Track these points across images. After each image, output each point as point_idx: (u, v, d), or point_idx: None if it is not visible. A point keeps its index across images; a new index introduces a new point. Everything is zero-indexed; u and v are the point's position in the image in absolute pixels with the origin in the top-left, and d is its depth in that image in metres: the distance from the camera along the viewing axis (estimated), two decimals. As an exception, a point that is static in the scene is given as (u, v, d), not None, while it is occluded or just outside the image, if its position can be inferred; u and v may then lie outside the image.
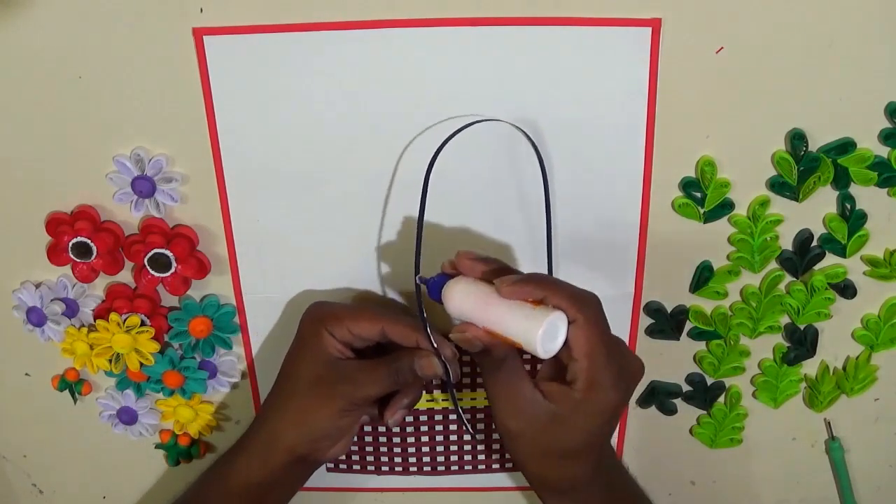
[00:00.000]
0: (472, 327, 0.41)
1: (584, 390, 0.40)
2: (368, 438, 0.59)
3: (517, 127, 0.46)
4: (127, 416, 0.57)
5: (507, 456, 0.59)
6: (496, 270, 0.42)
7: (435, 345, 0.45)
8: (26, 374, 0.58)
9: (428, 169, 0.45)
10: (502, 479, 0.61)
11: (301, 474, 0.51)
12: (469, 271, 0.43)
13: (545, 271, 0.47)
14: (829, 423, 0.58)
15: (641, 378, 0.44)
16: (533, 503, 0.61)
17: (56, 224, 0.50)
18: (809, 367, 0.55)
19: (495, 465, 0.60)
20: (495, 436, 0.59)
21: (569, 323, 0.40)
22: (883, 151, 0.47)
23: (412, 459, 0.60)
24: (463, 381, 0.56)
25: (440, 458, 0.60)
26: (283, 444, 0.48)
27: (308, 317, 0.49)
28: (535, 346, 0.39)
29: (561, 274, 0.51)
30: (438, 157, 0.46)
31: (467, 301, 0.42)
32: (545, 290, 0.40)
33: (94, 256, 0.51)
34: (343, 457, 0.59)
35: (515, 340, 0.40)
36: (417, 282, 0.45)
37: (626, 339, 0.54)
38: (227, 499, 0.49)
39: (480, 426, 0.58)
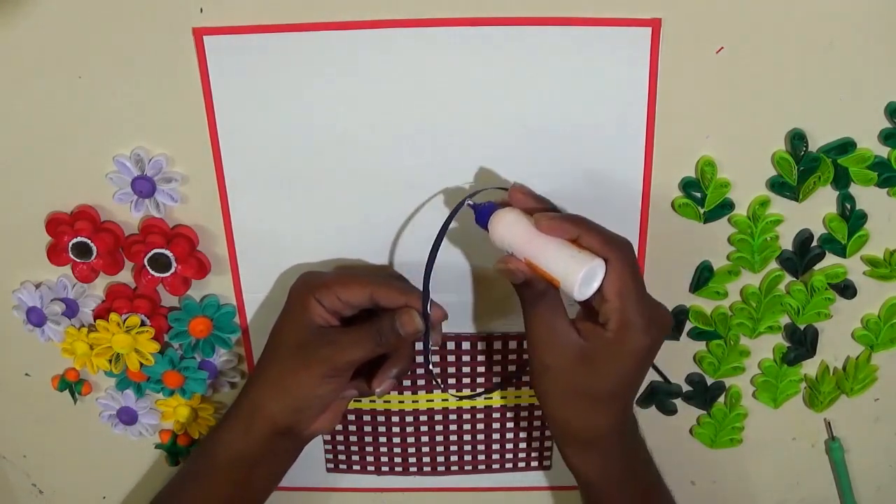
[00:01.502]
0: (514, 259, 0.43)
1: (616, 330, 0.41)
2: (368, 439, 0.59)
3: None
4: (127, 416, 0.57)
5: (508, 457, 0.59)
6: (545, 206, 0.44)
7: (427, 309, 0.45)
8: (26, 374, 0.58)
9: (432, 251, 0.45)
10: (502, 479, 0.61)
11: (286, 450, 0.50)
12: (520, 203, 0.44)
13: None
14: (829, 423, 0.58)
15: (670, 329, 0.44)
16: (532, 503, 0.61)
17: (56, 224, 0.50)
18: (809, 367, 0.55)
19: (495, 466, 0.60)
20: (496, 436, 0.59)
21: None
22: (883, 151, 0.47)
23: (412, 459, 0.60)
24: (449, 381, 0.56)
25: (440, 458, 0.60)
26: (264, 412, 0.47)
27: (297, 285, 0.48)
28: (573, 286, 0.41)
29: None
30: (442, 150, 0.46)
31: (513, 231, 0.43)
32: (580, 228, 0.41)
33: (94, 256, 0.51)
34: (343, 457, 0.60)
35: (555, 277, 0.41)
36: (468, 204, 0.45)
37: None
38: (214, 473, 0.48)
39: (480, 426, 0.58)
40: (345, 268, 0.52)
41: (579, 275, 0.40)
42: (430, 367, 0.46)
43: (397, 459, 0.60)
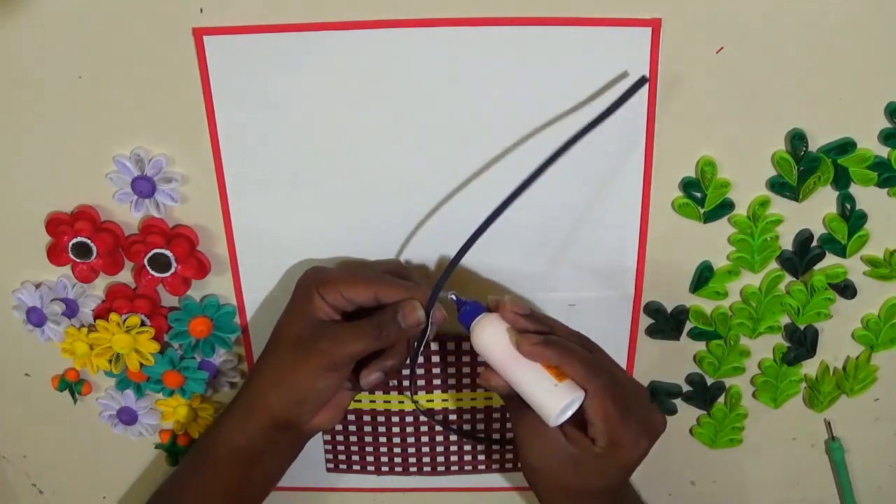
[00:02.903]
0: (495, 376, 0.44)
1: (605, 447, 0.43)
2: (368, 439, 0.59)
3: None
4: (127, 416, 0.57)
5: (508, 457, 0.59)
6: (534, 326, 0.44)
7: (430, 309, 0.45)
8: (26, 374, 0.58)
9: (448, 268, 0.45)
10: (502, 479, 0.61)
11: (286, 444, 0.50)
12: (511, 322, 0.44)
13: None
14: (829, 423, 0.58)
15: (663, 431, 0.46)
16: (533, 503, 0.61)
17: (56, 224, 0.50)
18: (809, 367, 0.55)
19: (495, 466, 0.60)
20: (496, 436, 0.59)
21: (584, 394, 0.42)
22: (883, 151, 0.47)
23: (412, 459, 0.60)
24: (449, 381, 0.56)
25: (440, 458, 0.60)
26: (264, 404, 0.47)
27: (303, 279, 0.48)
28: (548, 418, 0.42)
29: (561, 274, 0.51)
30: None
31: (494, 348, 0.44)
32: (560, 357, 0.42)
33: (94, 256, 0.51)
34: (343, 457, 0.60)
35: (531, 403, 0.43)
36: (451, 298, 0.46)
37: (625, 339, 0.54)
38: (214, 465, 0.48)
39: (481, 427, 0.58)
40: (352, 262, 0.52)
41: (555, 409, 0.42)
42: (415, 367, 0.46)
43: (397, 459, 0.60)
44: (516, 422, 0.46)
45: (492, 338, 0.44)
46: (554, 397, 0.42)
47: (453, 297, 0.46)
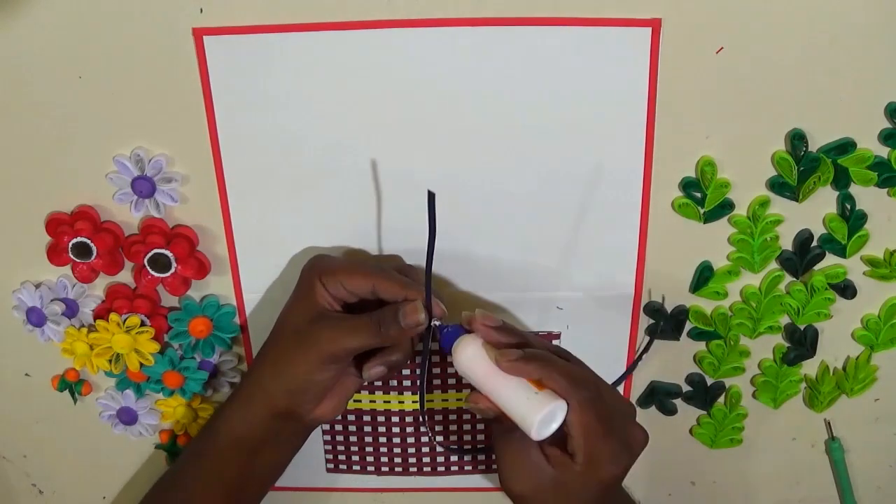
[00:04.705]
0: (482, 398, 0.43)
1: (584, 464, 0.42)
2: (368, 439, 0.59)
3: None
4: (127, 417, 0.57)
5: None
6: (509, 340, 0.43)
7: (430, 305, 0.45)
8: (26, 375, 0.58)
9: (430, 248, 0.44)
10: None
11: (288, 434, 0.50)
12: (484, 336, 0.44)
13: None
14: (829, 423, 0.58)
15: (644, 447, 0.45)
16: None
17: (56, 224, 0.50)
18: (809, 368, 0.55)
19: (495, 466, 0.60)
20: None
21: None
22: (883, 151, 0.47)
23: (412, 459, 0.60)
24: (449, 381, 0.56)
25: (440, 459, 0.60)
26: (263, 393, 0.47)
27: (306, 267, 0.48)
28: (529, 429, 0.41)
29: (561, 274, 0.51)
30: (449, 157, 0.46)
31: (475, 366, 0.43)
32: (542, 371, 0.42)
33: (94, 256, 0.51)
34: (343, 457, 0.60)
35: (512, 417, 0.42)
36: (434, 324, 0.45)
37: (626, 339, 0.54)
38: (216, 454, 0.48)
39: (480, 427, 0.58)
40: (357, 253, 0.52)
41: (535, 419, 0.40)
42: (427, 372, 0.46)
43: (397, 459, 0.60)
44: (499, 448, 0.45)
45: (472, 359, 0.43)
46: (534, 406, 0.41)
47: (436, 323, 0.45)
